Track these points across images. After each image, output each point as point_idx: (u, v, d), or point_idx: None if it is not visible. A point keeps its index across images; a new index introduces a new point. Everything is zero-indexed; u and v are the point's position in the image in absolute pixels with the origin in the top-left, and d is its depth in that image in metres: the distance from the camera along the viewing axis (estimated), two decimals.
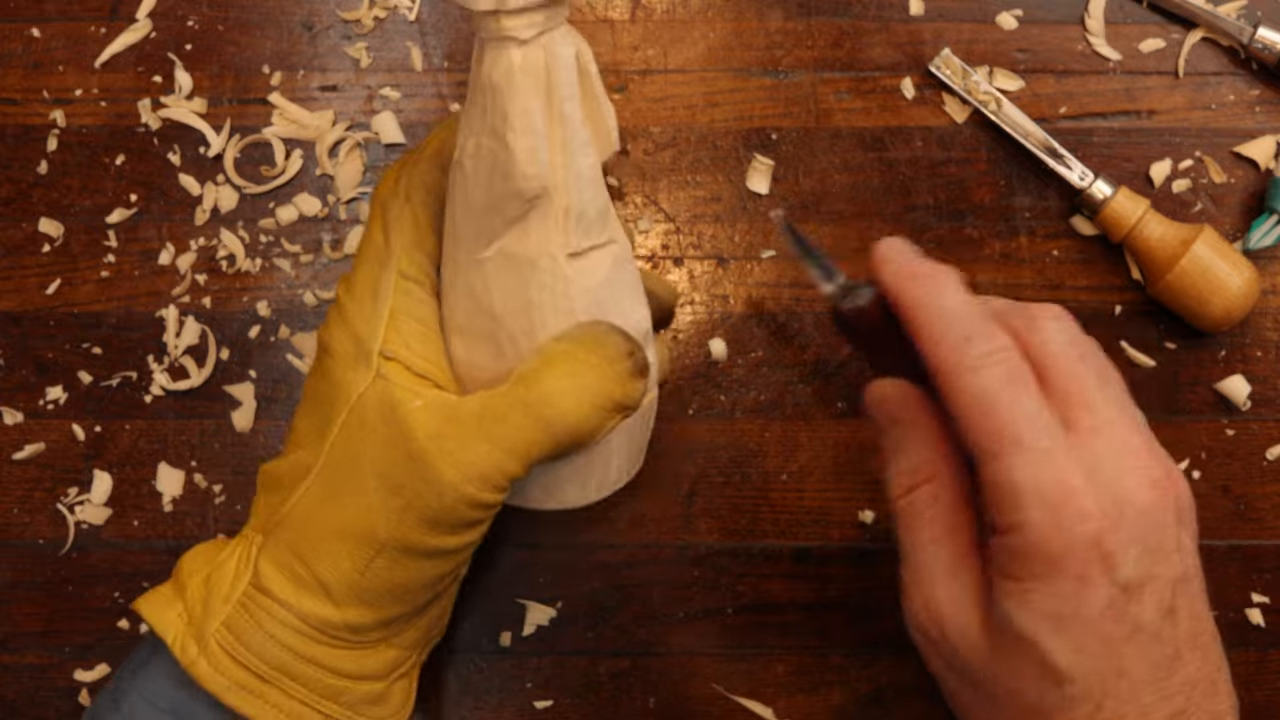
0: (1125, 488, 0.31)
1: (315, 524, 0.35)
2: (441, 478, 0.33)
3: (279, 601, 0.34)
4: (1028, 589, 0.31)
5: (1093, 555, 0.30)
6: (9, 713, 0.47)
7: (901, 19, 0.50)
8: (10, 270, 0.48)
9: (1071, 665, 0.30)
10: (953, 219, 0.49)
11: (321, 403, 0.35)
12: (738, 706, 0.47)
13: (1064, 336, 0.33)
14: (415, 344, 0.35)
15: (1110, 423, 0.32)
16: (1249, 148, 0.49)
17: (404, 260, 0.36)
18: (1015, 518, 0.31)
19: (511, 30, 0.33)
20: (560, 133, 0.34)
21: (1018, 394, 0.31)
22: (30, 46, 0.49)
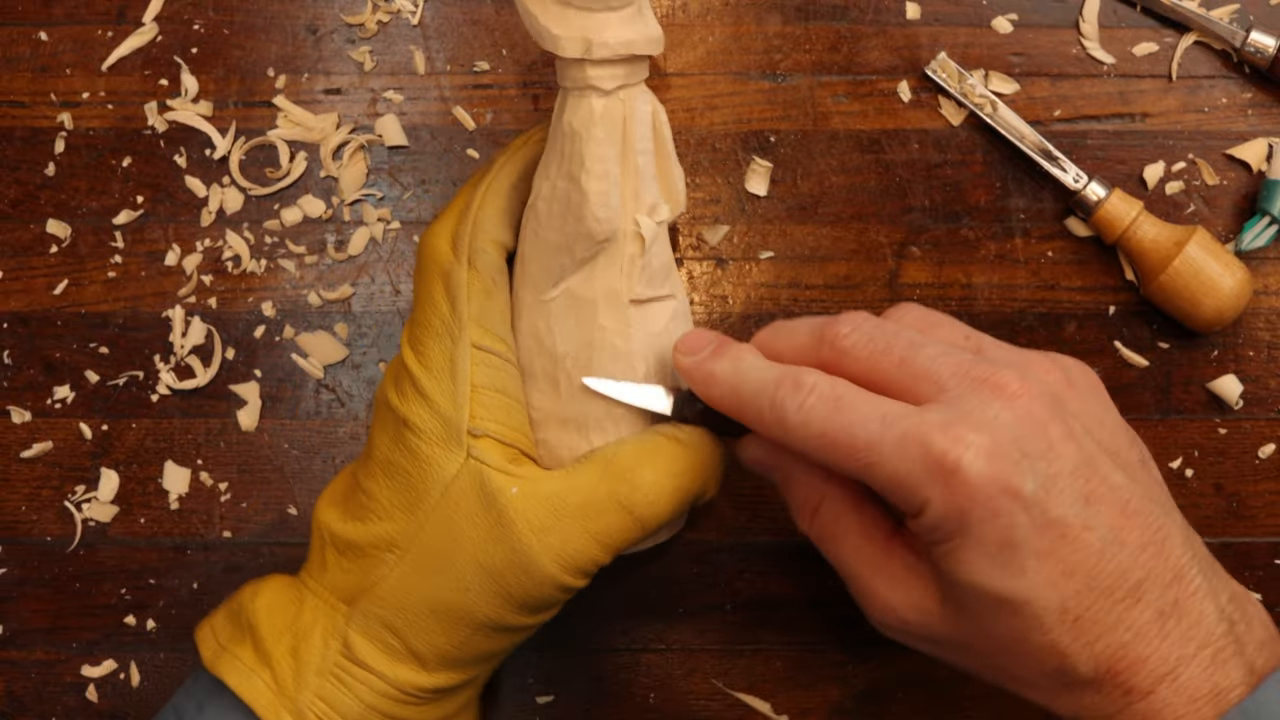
0: (985, 417, 0.31)
1: (409, 600, 0.36)
2: (543, 571, 0.35)
3: (373, 672, 0.36)
4: (956, 546, 0.32)
5: (994, 491, 0.31)
6: (17, 708, 0.47)
7: (898, 23, 0.50)
8: (18, 271, 0.49)
9: (1020, 589, 0.31)
10: (949, 220, 0.49)
11: (405, 477, 0.36)
12: (736, 701, 0.47)
13: (865, 336, 0.34)
14: (501, 415, 0.36)
15: (949, 373, 0.33)
16: (1241, 150, 0.49)
17: (475, 331, 0.36)
18: (916, 502, 0.32)
19: (595, 80, 0.35)
20: (633, 184, 0.36)
21: (847, 412, 0.32)
22: (38, 50, 0.50)
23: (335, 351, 0.48)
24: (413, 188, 0.49)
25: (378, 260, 0.49)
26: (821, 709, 0.47)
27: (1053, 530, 0.31)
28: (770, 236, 0.49)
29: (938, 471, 0.31)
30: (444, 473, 0.35)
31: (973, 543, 0.32)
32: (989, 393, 0.32)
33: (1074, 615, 0.31)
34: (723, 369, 0.35)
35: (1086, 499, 0.32)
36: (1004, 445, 0.31)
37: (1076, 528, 0.31)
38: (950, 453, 0.31)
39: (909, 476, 0.31)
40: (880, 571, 0.35)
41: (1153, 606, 0.31)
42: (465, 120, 0.50)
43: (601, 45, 0.35)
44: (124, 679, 0.47)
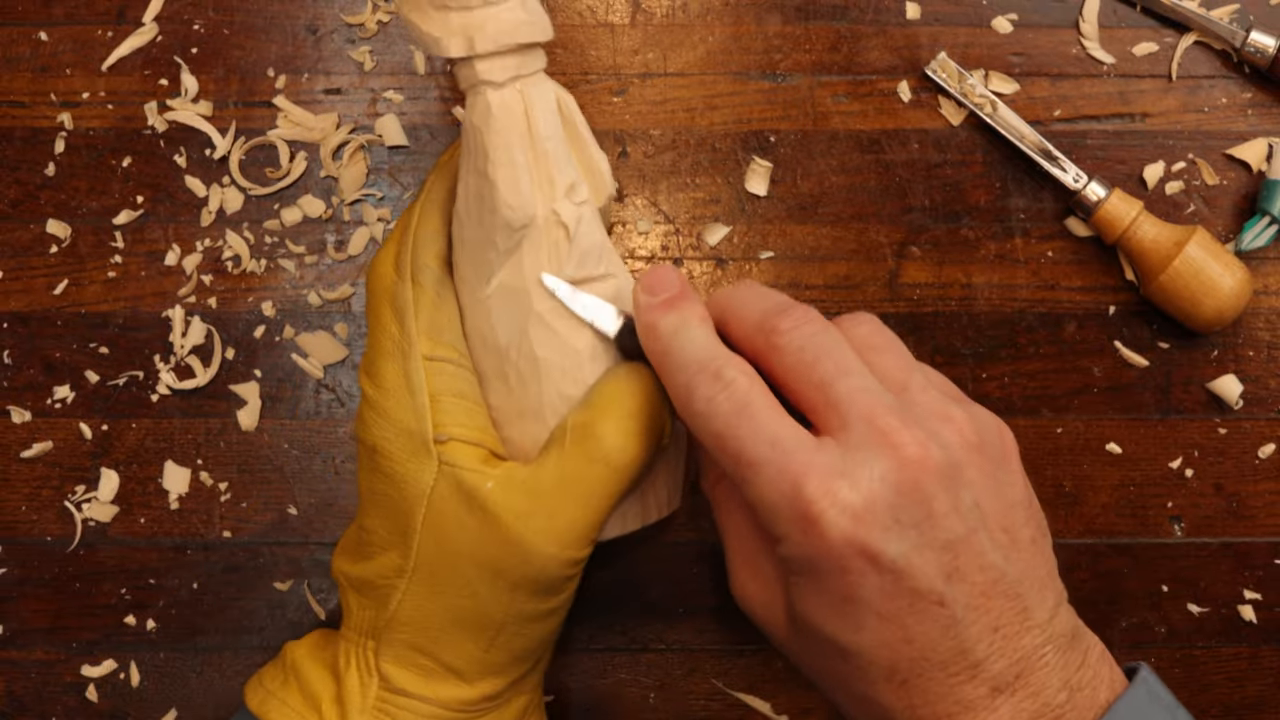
0: (868, 474, 0.31)
1: (429, 619, 0.36)
2: (542, 553, 0.34)
3: (415, 697, 0.36)
4: (804, 584, 0.32)
5: (849, 552, 0.31)
6: (17, 708, 0.47)
7: (898, 23, 0.50)
8: (18, 271, 0.49)
9: (854, 643, 0.32)
10: (949, 220, 0.49)
11: (390, 503, 0.36)
12: (737, 701, 0.47)
13: (795, 343, 0.33)
14: (463, 418, 0.36)
15: (857, 414, 0.32)
16: (1241, 150, 0.49)
17: (425, 343, 0.36)
18: (774, 531, 0.32)
19: (485, 74, 0.36)
20: (544, 169, 0.36)
21: (748, 420, 0.32)
22: (38, 50, 0.50)
23: (335, 351, 0.48)
24: (413, 188, 0.49)
25: None
26: (822, 709, 0.47)
27: (903, 599, 0.31)
28: (770, 236, 0.49)
29: (799, 517, 0.31)
30: (422, 486, 0.35)
31: (818, 588, 0.32)
32: (885, 449, 0.31)
33: (902, 678, 0.31)
34: (665, 326, 0.35)
35: (949, 575, 0.31)
36: (876, 508, 0.31)
37: (928, 601, 0.31)
38: (816, 504, 0.30)
39: (774, 509, 0.31)
40: (749, 562, 0.36)
41: (989, 684, 0.31)
42: None
43: (484, 40, 0.35)
44: (124, 679, 0.47)
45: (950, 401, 0.33)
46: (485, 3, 0.35)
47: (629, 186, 0.50)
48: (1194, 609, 0.48)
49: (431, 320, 0.37)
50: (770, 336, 0.33)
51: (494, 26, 0.35)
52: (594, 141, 0.39)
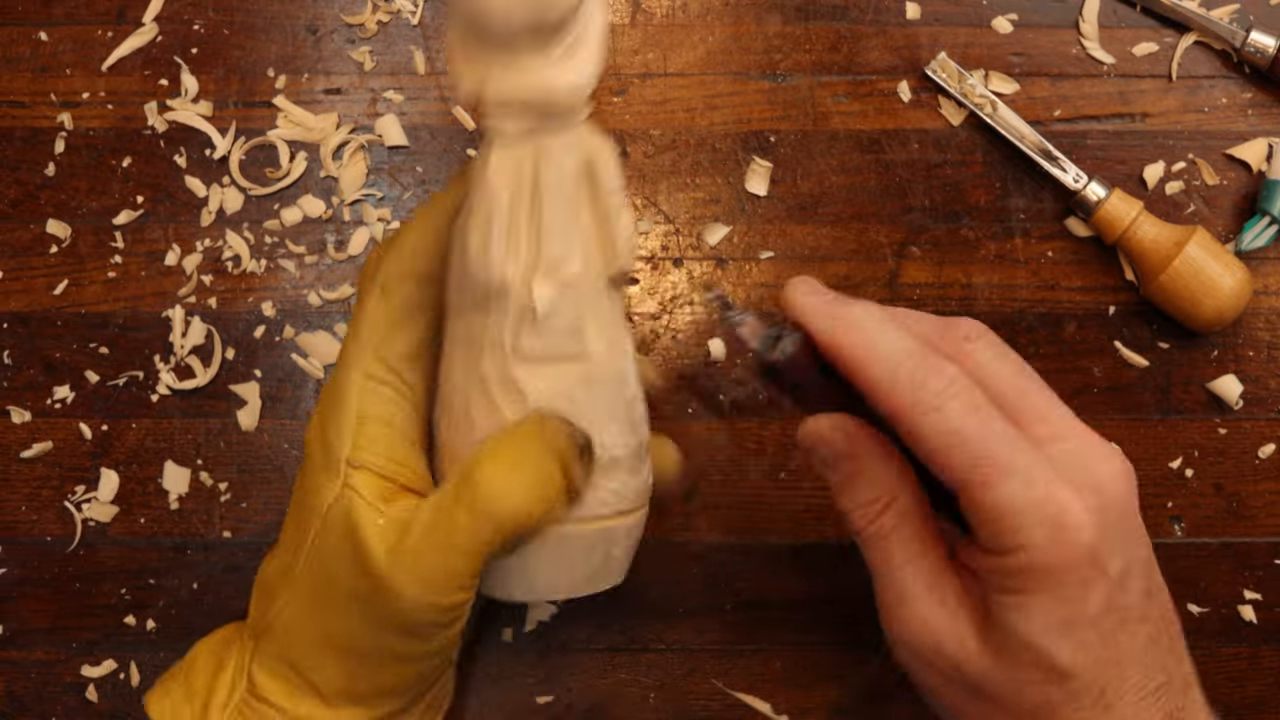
0: (1103, 484, 0.31)
1: (301, 634, 0.35)
2: (403, 593, 0.33)
3: (275, 708, 0.35)
4: (1029, 601, 0.31)
5: (1089, 561, 0.30)
6: (17, 708, 0.47)
7: (898, 23, 0.50)
8: (18, 271, 0.49)
9: (1075, 663, 0.31)
10: (949, 220, 0.49)
11: (299, 507, 0.36)
12: (736, 702, 0.47)
13: (993, 352, 0.33)
14: (382, 448, 0.35)
15: (1063, 425, 0.32)
16: (1241, 150, 0.49)
17: (370, 359, 0.35)
18: (1013, 539, 0.30)
19: (495, 124, 0.33)
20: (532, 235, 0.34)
21: (984, 421, 0.31)
22: (38, 50, 0.50)
23: (335, 351, 0.48)
24: (413, 188, 0.49)
25: None
26: (821, 709, 0.47)
27: (1117, 615, 0.31)
28: (770, 236, 0.49)
29: (1052, 522, 0.30)
30: (323, 501, 0.34)
31: (1046, 604, 0.31)
32: (1101, 454, 0.31)
33: (1107, 703, 0.31)
34: (859, 318, 0.32)
35: (1146, 593, 0.32)
36: (1108, 518, 0.30)
37: (1135, 619, 0.31)
38: (1072, 509, 0.30)
39: (1020, 514, 0.30)
40: (932, 591, 0.33)
41: (1165, 709, 0.31)
42: (465, 120, 0.50)
43: (494, 88, 0.32)
44: (124, 679, 0.47)
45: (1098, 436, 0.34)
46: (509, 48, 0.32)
47: (629, 186, 0.50)
48: (1194, 609, 0.48)
49: (386, 338, 0.35)
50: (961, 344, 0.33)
51: (509, 78, 0.32)
52: (621, 209, 0.35)
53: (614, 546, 0.38)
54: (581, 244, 0.35)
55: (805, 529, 0.48)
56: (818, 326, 0.33)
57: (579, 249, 0.35)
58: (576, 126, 0.34)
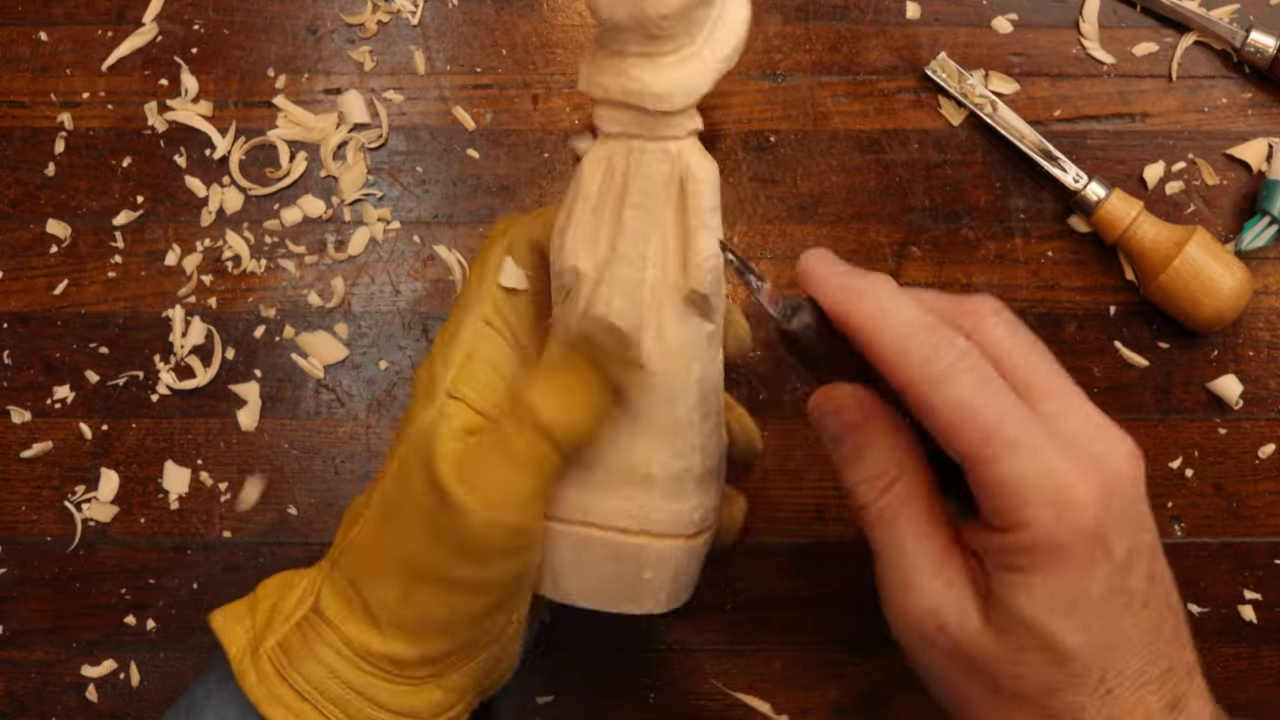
0: (1111, 466, 0.31)
1: (370, 553, 0.36)
2: (464, 503, 0.34)
3: (331, 626, 0.36)
4: (1032, 580, 0.31)
5: (1093, 542, 0.30)
6: (17, 708, 0.47)
7: (898, 23, 0.50)
8: (18, 271, 0.49)
9: (1076, 645, 0.31)
10: (949, 220, 0.49)
11: (399, 438, 0.37)
12: (736, 701, 0.47)
13: (1008, 328, 0.33)
14: (482, 386, 0.36)
15: (1072, 403, 0.32)
16: (1241, 150, 0.49)
17: (489, 307, 0.37)
18: (1019, 516, 0.30)
19: (597, 119, 0.35)
20: (608, 234, 0.35)
21: (994, 395, 0.31)
22: (38, 50, 0.50)
23: (335, 351, 0.48)
24: (413, 188, 0.49)
25: (378, 260, 0.49)
26: (821, 709, 0.47)
27: (1121, 598, 0.31)
28: (770, 236, 0.49)
29: (1057, 498, 0.30)
30: (417, 423, 0.36)
31: (1049, 583, 0.30)
32: (1111, 436, 0.31)
33: (1108, 688, 0.31)
34: (870, 289, 0.33)
35: (1151, 578, 0.31)
36: (1114, 500, 0.30)
37: (1138, 604, 0.31)
38: (1078, 486, 0.30)
39: (1025, 490, 0.30)
40: (938, 568, 0.33)
41: (1166, 698, 0.31)
42: (465, 120, 0.50)
43: (598, 85, 0.34)
44: (124, 679, 0.47)
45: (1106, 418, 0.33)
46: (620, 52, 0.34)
47: None
48: (1194, 609, 0.48)
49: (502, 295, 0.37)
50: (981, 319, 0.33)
51: (614, 78, 0.34)
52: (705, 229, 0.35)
53: (644, 568, 0.37)
54: (658, 253, 0.35)
55: (805, 529, 0.48)
56: (829, 297, 0.33)
57: (653, 257, 0.35)
58: (676, 138, 0.35)
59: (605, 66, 0.34)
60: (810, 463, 0.48)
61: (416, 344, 0.49)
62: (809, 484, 0.48)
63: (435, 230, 0.49)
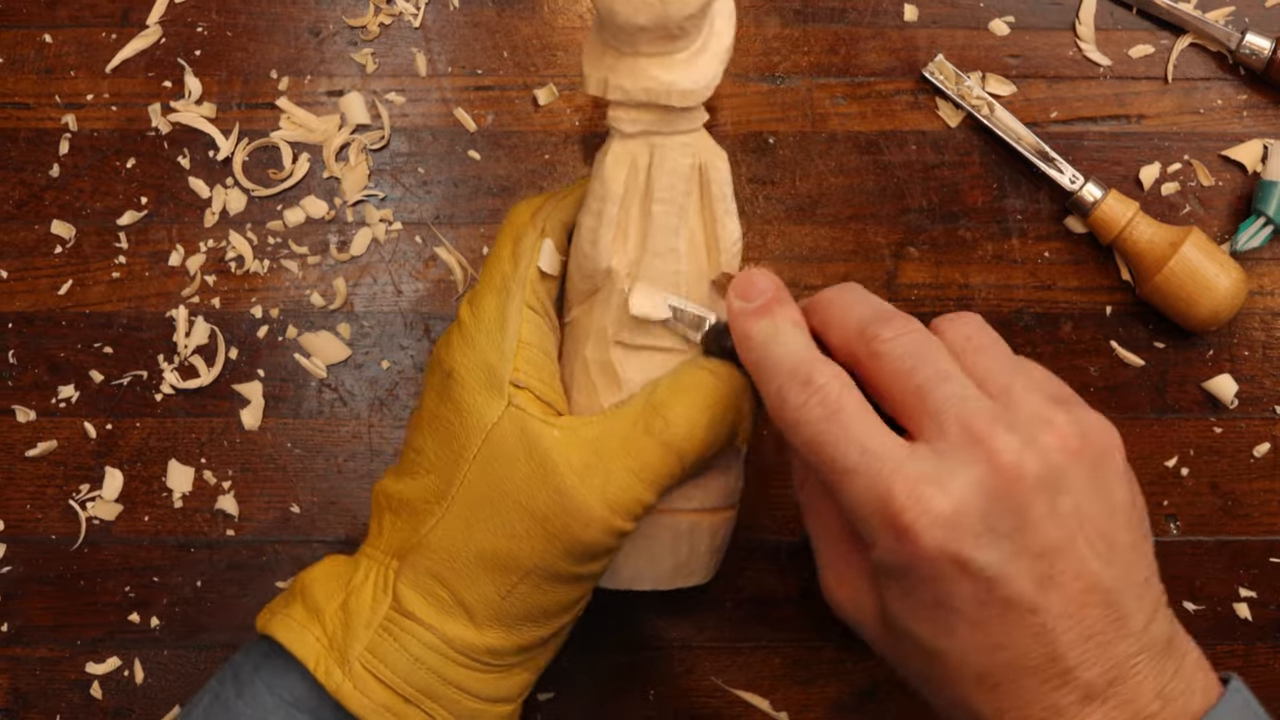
0: (961, 482, 0.31)
1: (457, 550, 0.36)
2: (590, 512, 0.35)
3: (423, 625, 0.35)
4: (894, 586, 0.33)
5: (941, 559, 0.31)
6: (22, 705, 0.47)
7: (896, 25, 0.51)
8: (23, 271, 0.49)
9: (945, 647, 0.32)
10: (946, 221, 0.49)
11: (449, 428, 0.36)
12: (736, 699, 0.48)
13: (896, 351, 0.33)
14: (542, 374, 0.37)
15: (953, 420, 0.32)
16: (1236, 151, 0.50)
17: (530, 290, 0.37)
18: (867, 535, 0.32)
19: (614, 120, 0.36)
20: (639, 231, 0.36)
21: (838, 428, 0.32)
22: (42, 52, 0.50)
23: (338, 351, 0.49)
24: (415, 189, 0.50)
25: (380, 261, 0.49)
26: (821, 706, 0.48)
27: (994, 607, 0.31)
28: (769, 237, 0.49)
29: (890, 524, 0.31)
30: (485, 420, 0.35)
31: (910, 593, 0.32)
32: (980, 456, 0.31)
33: (993, 683, 0.31)
34: (758, 332, 0.35)
35: (1043, 583, 0.31)
36: (967, 516, 0.31)
37: (1021, 609, 0.31)
38: (907, 513, 0.31)
39: (866, 516, 0.32)
40: (838, 564, 0.36)
41: (1080, 691, 0.31)
42: (467, 122, 0.50)
43: (616, 88, 0.35)
44: (128, 676, 0.48)
45: (1053, 405, 0.33)
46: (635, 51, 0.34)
47: None
48: (1189, 606, 0.48)
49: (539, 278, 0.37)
50: (871, 344, 0.34)
51: (630, 78, 0.34)
52: (730, 214, 0.38)
53: (699, 542, 0.39)
54: (688, 244, 0.37)
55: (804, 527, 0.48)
56: (732, 325, 0.36)
57: (684, 248, 0.37)
58: (692, 130, 0.36)
59: (619, 68, 0.35)
60: None
61: (418, 344, 0.49)
62: None
63: (437, 231, 0.49)
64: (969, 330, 0.35)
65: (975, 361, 0.34)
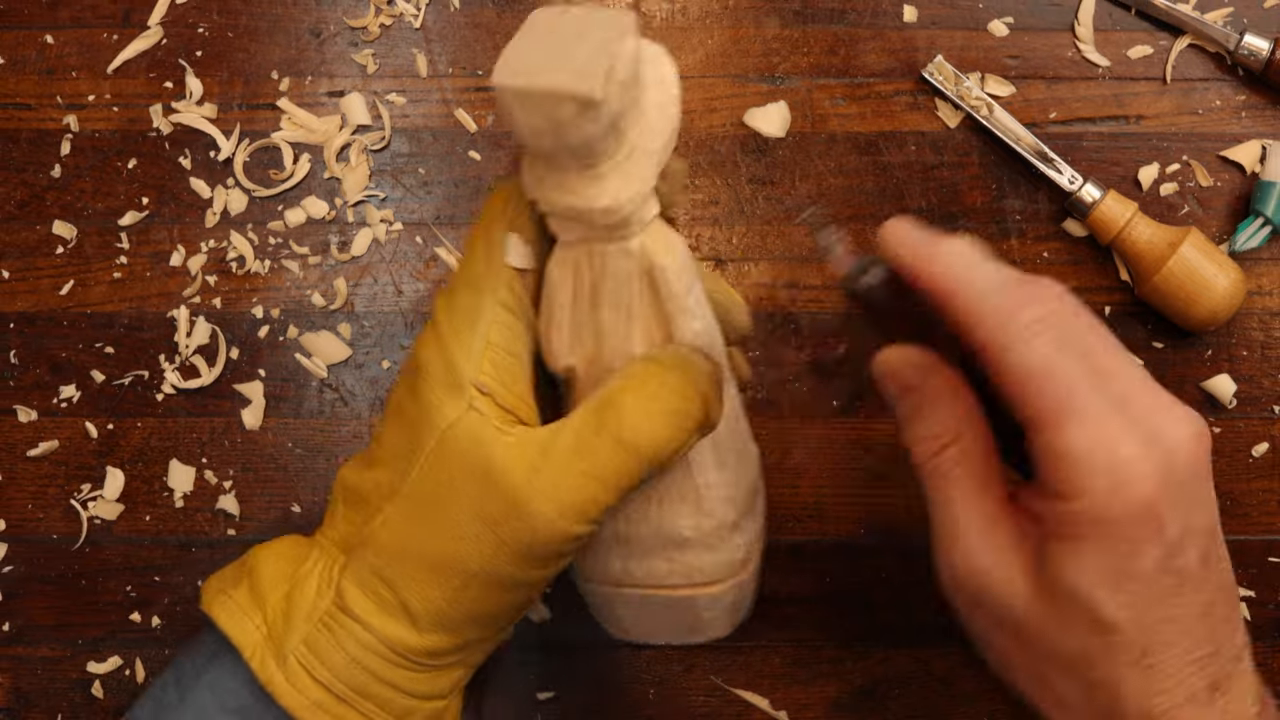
0: (1173, 445, 0.31)
1: (402, 550, 0.35)
2: (540, 514, 0.33)
3: (362, 624, 0.35)
4: (1082, 549, 0.31)
5: (1147, 518, 0.30)
6: (23, 704, 0.48)
7: (895, 26, 0.51)
8: (25, 271, 0.49)
9: (1120, 618, 0.31)
10: (945, 221, 0.50)
11: (409, 422, 0.35)
12: (735, 698, 0.48)
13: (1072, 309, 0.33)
14: (507, 379, 0.35)
15: (1139, 383, 0.32)
16: (1235, 152, 0.50)
17: (504, 289, 0.35)
18: (1075, 485, 0.31)
19: (552, 228, 0.34)
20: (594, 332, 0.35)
21: (1069, 361, 0.31)
22: (44, 53, 0.50)
23: (338, 351, 0.49)
24: (415, 189, 0.50)
25: (380, 261, 0.49)
26: (820, 705, 0.48)
27: (1171, 578, 0.31)
28: (769, 237, 0.50)
29: (1114, 472, 0.30)
30: (442, 419, 0.34)
31: (1099, 554, 0.31)
32: (1176, 416, 0.31)
33: (1150, 663, 0.31)
34: (952, 249, 0.33)
35: (1205, 560, 0.31)
36: (1172, 479, 0.31)
37: (1190, 585, 0.31)
38: (1136, 462, 0.30)
39: (1084, 460, 0.31)
40: (983, 529, 0.34)
41: (1211, 678, 0.31)
42: (467, 122, 0.50)
43: (544, 200, 0.34)
44: (129, 675, 0.48)
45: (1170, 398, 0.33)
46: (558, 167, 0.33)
47: None
48: None
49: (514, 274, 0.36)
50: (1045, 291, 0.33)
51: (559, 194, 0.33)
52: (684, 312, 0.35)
53: (702, 610, 0.38)
54: (644, 342, 0.35)
55: (804, 527, 0.48)
56: (911, 254, 0.34)
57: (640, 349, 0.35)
58: (634, 234, 0.34)
59: (547, 181, 0.33)
60: (810, 462, 0.48)
61: None
62: (808, 483, 0.48)
63: (437, 231, 0.50)
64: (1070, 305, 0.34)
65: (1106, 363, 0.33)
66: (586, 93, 0.30)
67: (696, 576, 0.37)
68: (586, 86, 0.30)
